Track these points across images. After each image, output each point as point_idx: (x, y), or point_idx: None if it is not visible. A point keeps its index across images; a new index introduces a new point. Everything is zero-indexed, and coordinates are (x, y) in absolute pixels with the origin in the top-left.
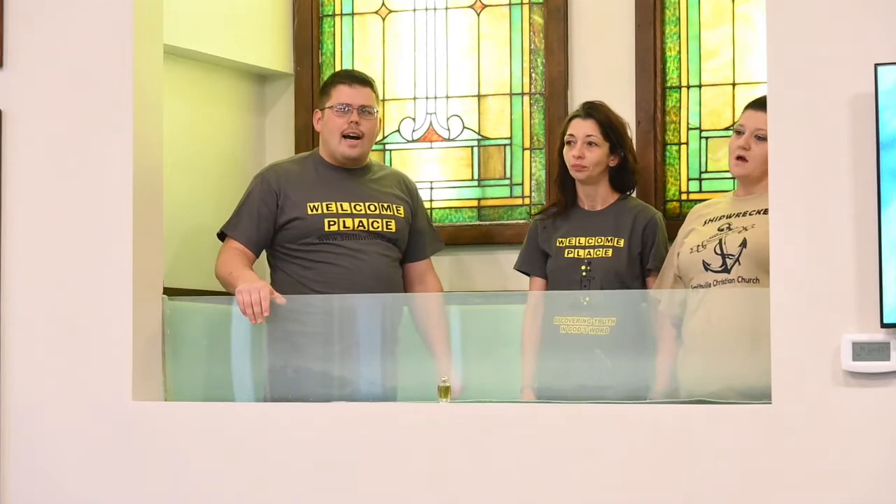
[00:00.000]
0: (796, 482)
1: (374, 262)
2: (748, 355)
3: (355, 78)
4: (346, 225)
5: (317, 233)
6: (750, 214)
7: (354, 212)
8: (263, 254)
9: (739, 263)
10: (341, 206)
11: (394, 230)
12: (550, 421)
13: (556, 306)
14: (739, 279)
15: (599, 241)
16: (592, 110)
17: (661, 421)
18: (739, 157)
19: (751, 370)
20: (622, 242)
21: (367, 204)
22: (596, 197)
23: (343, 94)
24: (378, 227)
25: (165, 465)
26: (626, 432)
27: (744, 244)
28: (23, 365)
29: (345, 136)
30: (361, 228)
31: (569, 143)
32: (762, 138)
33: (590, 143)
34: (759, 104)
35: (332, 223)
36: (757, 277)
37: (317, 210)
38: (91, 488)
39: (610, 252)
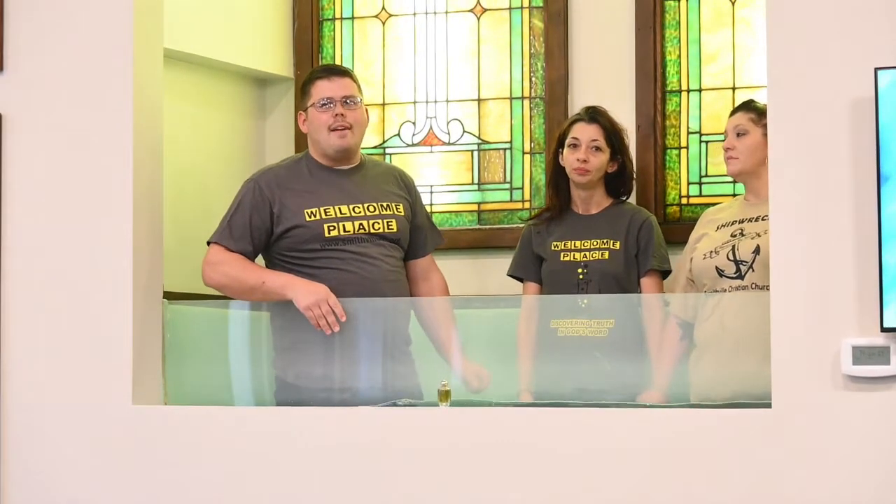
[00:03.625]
0: (797, 486)
1: (383, 266)
2: (761, 360)
3: (332, 70)
4: (346, 229)
5: (317, 239)
6: (763, 219)
7: (353, 214)
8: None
9: (753, 270)
10: (339, 209)
11: (395, 230)
12: (548, 424)
13: (554, 309)
14: (753, 285)
15: (595, 243)
16: (597, 115)
17: (661, 424)
18: (729, 158)
19: (763, 375)
20: (618, 245)
21: (365, 205)
22: (591, 201)
23: (322, 89)
24: (379, 228)
25: (165, 468)
26: (625, 435)
27: (757, 251)
28: (23, 368)
29: (332, 130)
30: (362, 231)
31: (572, 146)
32: (742, 133)
33: (595, 148)
34: (738, 107)
35: (331, 228)
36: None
37: (315, 216)
38: (91, 492)
39: (606, 254)
